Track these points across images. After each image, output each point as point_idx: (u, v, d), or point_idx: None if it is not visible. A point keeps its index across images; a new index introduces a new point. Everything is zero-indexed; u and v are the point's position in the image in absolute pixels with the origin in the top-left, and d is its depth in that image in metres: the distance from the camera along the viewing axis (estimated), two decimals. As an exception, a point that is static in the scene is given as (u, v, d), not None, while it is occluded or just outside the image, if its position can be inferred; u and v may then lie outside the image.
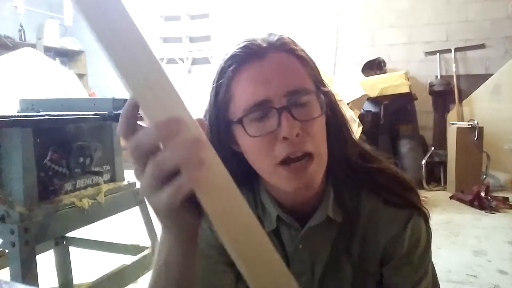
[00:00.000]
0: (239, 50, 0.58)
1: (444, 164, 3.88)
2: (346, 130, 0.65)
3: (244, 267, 0.38)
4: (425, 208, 0.65)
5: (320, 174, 0.58)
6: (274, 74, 0.55)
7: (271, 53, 0.57)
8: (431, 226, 0.67)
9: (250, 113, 0.55)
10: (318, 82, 0.61)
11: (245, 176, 0.65)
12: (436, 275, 0.69)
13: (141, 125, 0.39)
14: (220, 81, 0.59)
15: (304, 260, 0.65)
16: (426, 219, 0.65)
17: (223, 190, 0.38)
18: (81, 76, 5.37)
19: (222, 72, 0.59)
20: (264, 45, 0.57)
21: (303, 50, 0.61)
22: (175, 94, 0.37)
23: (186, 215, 0.40)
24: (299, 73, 0.57)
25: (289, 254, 0.65)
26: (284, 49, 0.58)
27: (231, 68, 0.57)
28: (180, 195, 0.35)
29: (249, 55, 0.56)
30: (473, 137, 3.56)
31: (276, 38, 0.59)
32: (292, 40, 0.61)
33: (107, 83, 5.75)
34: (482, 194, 3.23)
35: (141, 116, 0.38)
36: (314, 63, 0.62)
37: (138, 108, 0.38)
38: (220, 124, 0.60)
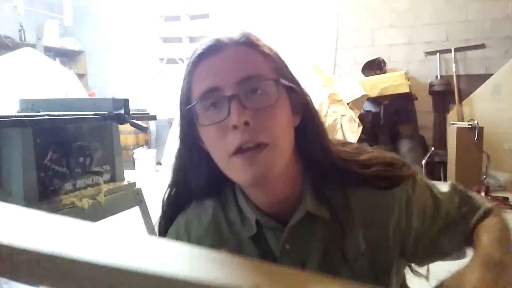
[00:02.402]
0: (201, 46, 0.58)
1: (444, 164, 3.88)
2: (322, 129, 0.64)
3: None
4: (411, 169, 0.65)
5: (278, 164, 0.55)
6: (227, 64, 0.55)
7: (230, 47, 0.57)
8: None
9: (202, 101, 0.55)
10: (286, 78, 0.59)
11: (223, 182, 0.64)
12: (460, 192, 0.70)
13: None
14: (184, 76, 0.60)
15: (293, 261, 0.63)
16: (417, 179, 0.65)
17: None
18: (81, 76, 5.37)
19: (186, 68, 0.60)
20: (226, 41, 0.57)
21: (268, 47, 0.60)
22: None
23: None
24: (255, 63, 0.57)
25: (277, 256, 0.63)
26: (245, 43, 0.58)
27: (191, 63, 0.58)
28: None
29: (209, 50, 0.57)
30: (473, 137, 3.56)
31: (238, 34, 0.59)
32: (257, 37, 0.60)
33: (107, 83, 5.76)
34: (482, 194, 3.23)
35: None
36: (281, 60, 0.61)
37: None
38: (185, 120, 0.60)
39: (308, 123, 0.62)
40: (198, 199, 0.68)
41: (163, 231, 0.72)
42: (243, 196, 0.64)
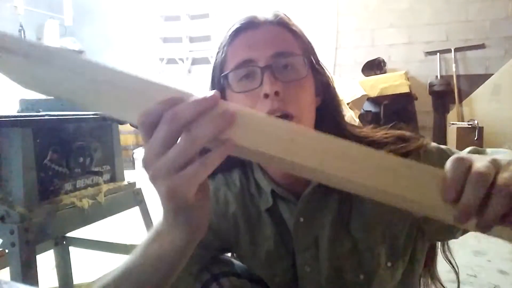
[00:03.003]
0: (238, 22, 0.64)
1: (444, 164, 3.88)
2: (340, 111, 0.68)
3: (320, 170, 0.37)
4: (418, 141, 0.64)
5: None
6: (262, 39, 0.61)
7: (265, 25, 0.63)
8: None
9: (236, 70, 0.60)
10: (313, 58, 0.64)
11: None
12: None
13: None
14: (218, 49, 0.65)
15: (307, 234, 0.66)
16: (421, 150, 0.63)
17: (258, 127, 0.38)
18: (81, 76, 5.36)
19: (222, 41, 0.65)
20: (261, 19, 0.64)
21: (298, 28, 0.65)
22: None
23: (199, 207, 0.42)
24: (287, 41, 0.62)
25: (291, 229, 0.67)
26: (278, 23, 0.63)
27: (228, 36, 0.63)
28: (210, 168, 0.37)
29: (245, 25, 0.63)
30: (473, 137, 3.56)
31: (272, 14, 0.65)
32: (289, 18, 0.66)
33: (107, 83, 5.75)
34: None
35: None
36: (309, 42, 0.66)
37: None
38: (216, 89, 0.63)
39: (329, 103, 0.66)
40: (223, 171, 0.73)
41: None
42: (260, 169, 0.68)
